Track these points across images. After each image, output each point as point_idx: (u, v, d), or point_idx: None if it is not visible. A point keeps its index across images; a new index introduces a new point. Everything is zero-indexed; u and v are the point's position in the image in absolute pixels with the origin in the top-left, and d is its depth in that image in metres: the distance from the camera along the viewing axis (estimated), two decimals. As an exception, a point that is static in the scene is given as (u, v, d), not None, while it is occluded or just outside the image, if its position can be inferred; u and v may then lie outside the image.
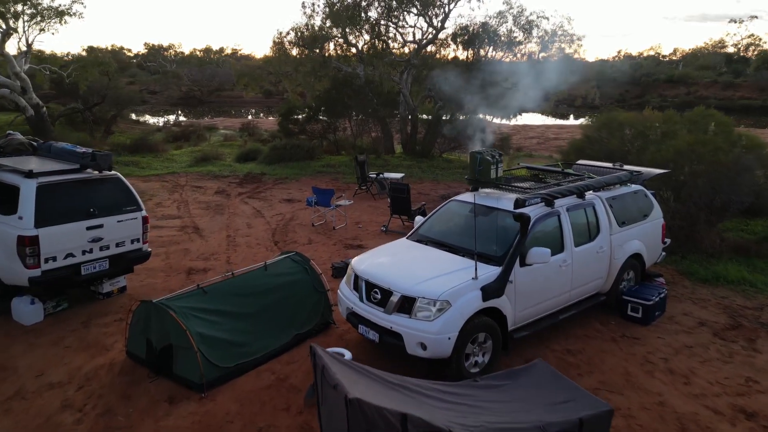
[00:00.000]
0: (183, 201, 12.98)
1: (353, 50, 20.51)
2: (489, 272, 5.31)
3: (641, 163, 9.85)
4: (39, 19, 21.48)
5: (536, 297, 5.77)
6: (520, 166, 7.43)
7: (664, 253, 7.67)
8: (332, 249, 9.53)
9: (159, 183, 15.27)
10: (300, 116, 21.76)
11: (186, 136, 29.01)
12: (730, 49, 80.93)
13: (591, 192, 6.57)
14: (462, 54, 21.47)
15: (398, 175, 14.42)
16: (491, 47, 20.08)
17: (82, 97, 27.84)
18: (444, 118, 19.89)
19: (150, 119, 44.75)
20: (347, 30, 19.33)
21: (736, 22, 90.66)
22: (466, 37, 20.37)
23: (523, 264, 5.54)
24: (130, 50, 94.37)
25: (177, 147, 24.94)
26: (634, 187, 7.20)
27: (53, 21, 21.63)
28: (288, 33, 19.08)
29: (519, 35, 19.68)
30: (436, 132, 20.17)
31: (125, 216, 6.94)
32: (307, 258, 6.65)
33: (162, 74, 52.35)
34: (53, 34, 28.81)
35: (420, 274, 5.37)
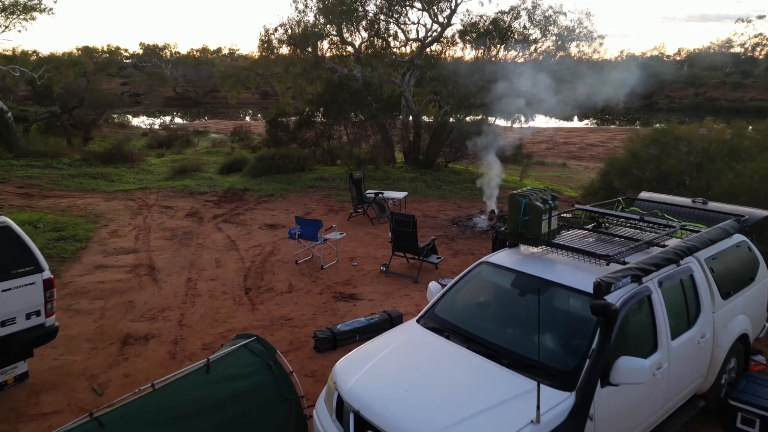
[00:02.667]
0: (145, 227, 10.92)
1: (349, 49, 18.45)
2: (556, 404, 3.26)
3: (706, 192, 7.83)
4: (3, 15, 19.43)
5: (622, 428, 3.72)
6: (574, 208, 5.38)
7: (767, 324, 5.63)
8: (318, 300, 7.46)
9: (124, 202, 13.20)
10: (290, 119, 19.68)
11: (172, 141, 26.97)
12: (737, 49, 79.08)
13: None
14: (470, 53, 19.47)
15: (400, 195, 12.37)
16: (503, 45, 18.05)
17: (61, 100, 25.81)
18: (451, 120, 17.84)
19: (140, 122, 42.77)
20: (343, 26, 17.28)
21: (743, 21, 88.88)
22: (475, 35, 18.35)
23: (605, 383, 3.49)
24: (127, 50, 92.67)
25: (158, 155, 22.91)
26: (736, 238, 5.14)
27: (19, 17, 19.56)
28: (276, 29, 16.99)
29: (535, 33, 17.65)
30: (442, 139, 18.13)
31: (15, 282, 4.87)
32: (271, 347, 4.57)
33: (146, 75, 50.14)
34: (20, 31, 26.59)
35: (442, 406, 3.31)
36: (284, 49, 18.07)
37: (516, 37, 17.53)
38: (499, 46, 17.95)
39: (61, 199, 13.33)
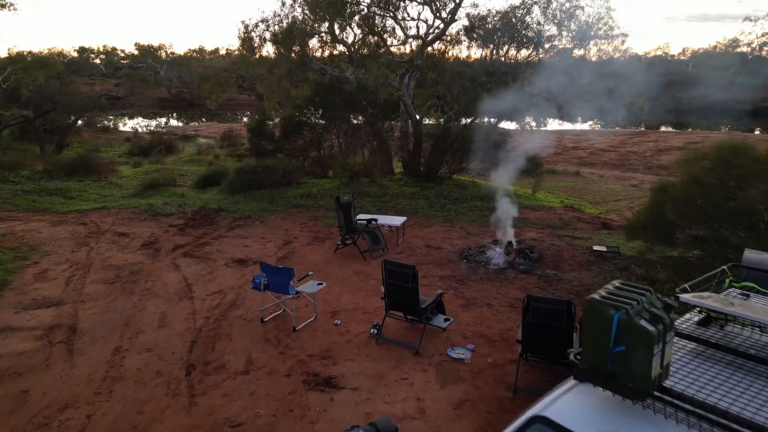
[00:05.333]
0: (85, 265, 8.93)
1: (341, 47, 16.45)
2: None
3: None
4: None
5: None
6: (678, 298, 3.37)
7: None
8: (283, 389, 5.45)
9: (72, 227, 11.21)
10: (275, 127, 17.70)
11: (154, 148, 25.04)
12: (744, 49, 77.04)
13: None
14: (476, 52, 17.52)
15: (398, 221, 10.38)
16: (514, 43, 16.07)
17: (33, 103, 23.87)
18: (453, 123, 15.87)
19: (135, 124, 40.87)
20: (333, 23, 15.29)
21: (750, 20, 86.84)
22: (481, 32, 16.37)
23: None
24: (123, 50, 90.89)
25: (135, 164, 20.96)
26: None
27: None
28: (257, 25, 15.00)
29: (551, 29, 15.66)
30: (445, 148, 16.14)
31: None
32: None
33: (128, 77, 48.13)
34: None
35: None
36: (269, 48, 16.08)
37: (530, 34, 15.55)
38: (509, 43, 15.99)
39: (1, 224, 11.35)
